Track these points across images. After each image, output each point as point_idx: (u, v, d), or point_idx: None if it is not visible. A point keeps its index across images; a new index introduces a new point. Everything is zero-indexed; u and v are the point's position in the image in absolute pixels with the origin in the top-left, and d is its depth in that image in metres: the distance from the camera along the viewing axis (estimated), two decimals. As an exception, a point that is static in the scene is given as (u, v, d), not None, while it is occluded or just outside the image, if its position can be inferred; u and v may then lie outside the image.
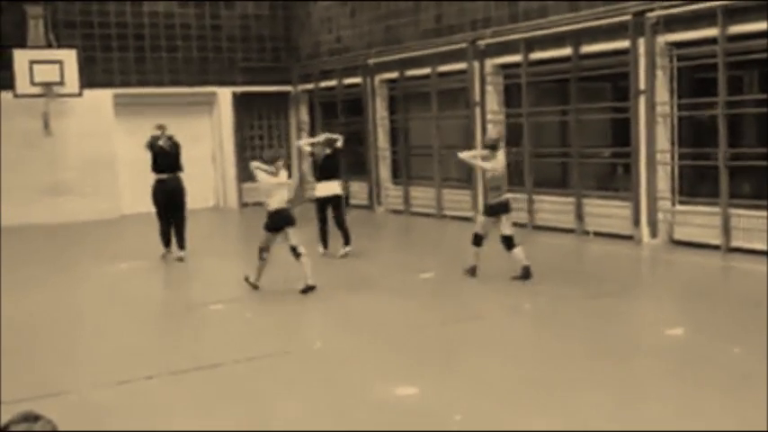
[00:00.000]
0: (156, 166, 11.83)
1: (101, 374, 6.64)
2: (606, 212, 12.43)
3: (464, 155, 10.31)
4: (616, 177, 13.38)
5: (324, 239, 11.89)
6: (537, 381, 6.04)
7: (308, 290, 9.24)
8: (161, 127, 12.03)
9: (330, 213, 11.81)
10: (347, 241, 11.63)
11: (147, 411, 5.76)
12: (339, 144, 11.96)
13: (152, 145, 11.84)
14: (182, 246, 11.86)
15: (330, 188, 11.78)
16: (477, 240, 9.83)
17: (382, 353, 7.01)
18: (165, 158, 11.78)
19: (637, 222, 11.86)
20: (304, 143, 12.85)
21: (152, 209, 12.07)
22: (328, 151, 11.90)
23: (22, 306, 9.45)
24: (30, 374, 6.68)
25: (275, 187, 9.43)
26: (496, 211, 9.76)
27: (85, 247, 14.31)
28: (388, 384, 6.10)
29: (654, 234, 11.71)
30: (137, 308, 9.48)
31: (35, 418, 4.39)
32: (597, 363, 6.43)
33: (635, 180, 11.90)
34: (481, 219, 10.12)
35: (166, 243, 11.99)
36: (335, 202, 11.83)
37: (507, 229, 9.68)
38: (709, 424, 5.03)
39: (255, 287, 9.51)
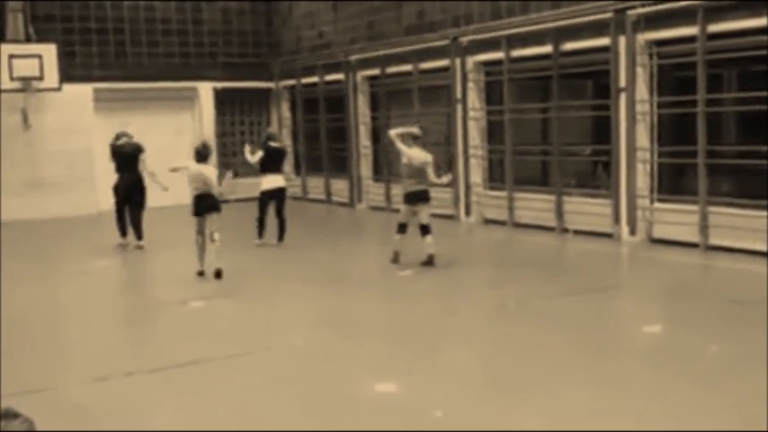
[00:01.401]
0: (117, 166, 12.77)
1: (80, 371, 6.60)
2: (586, 210, 12.48)
3: (393, 132, 11.05)
4: (596, 175, 13.45)
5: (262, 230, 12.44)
6: (517, 377, 6.06)
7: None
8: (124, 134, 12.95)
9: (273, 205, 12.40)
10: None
11: (126, 409, 5.72)
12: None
13: (112, 145, 12.86)
14: (139, 236, 12.64)
15: (276, 181, 12.37)
16: (401, 228, 10.41)
17: (362, 349, 7.00)
18: (124, 158, 12.66)
19: (616, 220, 11.92)
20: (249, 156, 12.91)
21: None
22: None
23: (2, 302, 9.37)
24: (7, 371, 6.60)
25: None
26: (412, 199, 10.35)
27: (63, 243, 14.20)
28: (368, 381, 6.10)
29: (633, 232, 11.78)
30: (115, 305, 9.43)
31: (14, 415, 4.35)
32: (577, 359, 6.46)
33: (615, 178, 11.96)
34: (402, 207, 10.64)
35: (123, 233, 12.78)
36: (281, 195, 12.43)
37: (424, 219, 10.27)
38: (688, 419, 5.07)
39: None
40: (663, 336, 7.23)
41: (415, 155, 10.43)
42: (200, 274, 10.18)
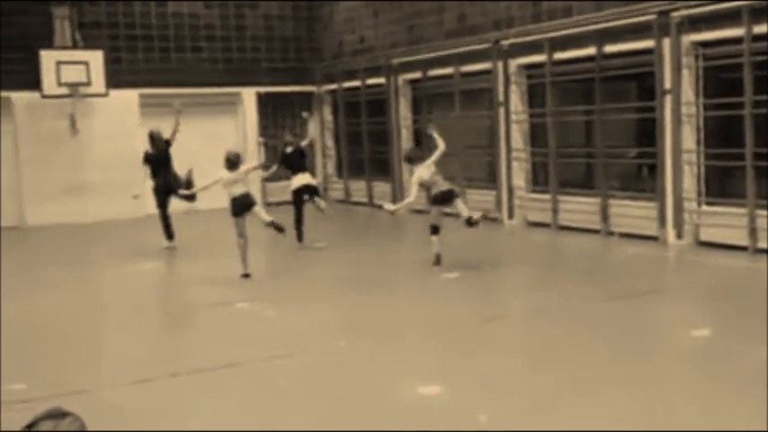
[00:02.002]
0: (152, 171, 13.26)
1: (123, 373, 6.68)
2: (631, 213, 12.34)
3: (399, 206, 11.48)
4: (641, 178, 13.29)
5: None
6: (562, 381, 6.01)
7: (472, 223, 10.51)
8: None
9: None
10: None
11: (168, 410, 5.79)
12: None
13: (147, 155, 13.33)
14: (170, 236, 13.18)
15: (304, 179, 12.80)
16: (434, 230, 10.58)
17: (403, 353, 7.00)
18: (157, 163, 13.13)
19: (662, 223, 11.77)
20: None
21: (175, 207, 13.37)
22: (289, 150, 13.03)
23: (45, 305, 9.56)
24: (52, 373, 6.74)
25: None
26: (440, 199, 10.54)
27: (109, 246, 14.42)
28: (409, 384, 6.09)
29: (680, 235, 11.61)
30: (159, 306, 9.56)
31: (63, 414, 4.43)
32: (623, 363, 6.39)
33: (661, 180, 11.80)
34: (432, 209, 10.78)
35: (169, 236, 13.13)
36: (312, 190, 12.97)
37: (465, 212, 10.57)
38: (735, 424, 4.98)
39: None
40: (708, 340, 7.10)
41: (423, 175, 10.62)
42: (246, 276, 10.28)
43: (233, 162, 10.45)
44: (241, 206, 10.34)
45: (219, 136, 18.87)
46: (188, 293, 10.48)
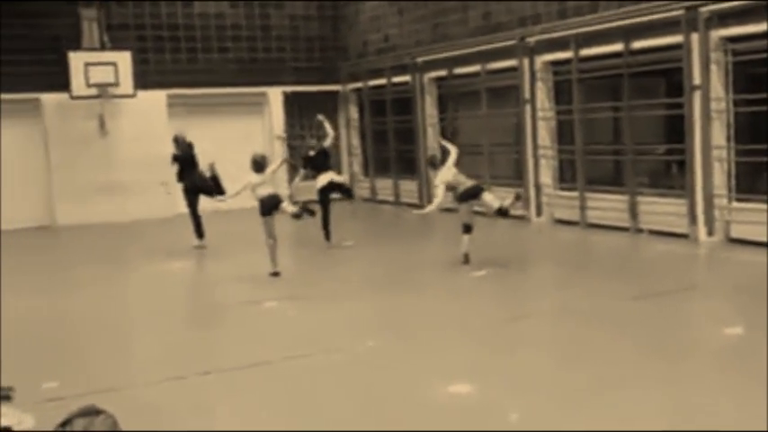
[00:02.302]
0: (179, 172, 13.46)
1: (154, 371, 6.74)
2: (661, 210, 12.23)
3: (429, 209, 11.21)
4: (671, 174, 13.17)
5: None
6: (592, 379, 5.98)
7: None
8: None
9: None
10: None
11: (199, 408, 5.82)
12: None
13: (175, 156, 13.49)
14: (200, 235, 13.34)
15: (328, 177, 12.80)
16: (467, 229, 10.53)
17: (434, 351, 6.99)
18: (183, 164, 13.35)
19: (693, 220, 11.65)
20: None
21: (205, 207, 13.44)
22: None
23: (77, 304, 9.66)
24: (85, 370, 6.81)
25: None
26: (467, 196, 10.50)
27: (139, 245, 14.55)
28: (438, 383, 6.09)
29: (710, 232, 11.49)
30: (189, 305, 9.62)
31: (96, 412, 4.48)
32: (653, 362, 6.34)
33: (690, 177, 11.69)
34: (461, 208, 10.73)
35: (199, 234, 13.29)
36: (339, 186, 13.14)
37: (495, 204, 10.50)
38: (762, 420, 4.92)
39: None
40: (740, 338, 7.03)
41: (446, 176, 10.61)
42: (275, 274, 10.34)
43: (260, 165, 10.53)
44: (269, 206, 10.41)
45: (246, 136, 19.01)
46: (218, 292, 10.53)
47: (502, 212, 10.52)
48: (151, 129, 17.91)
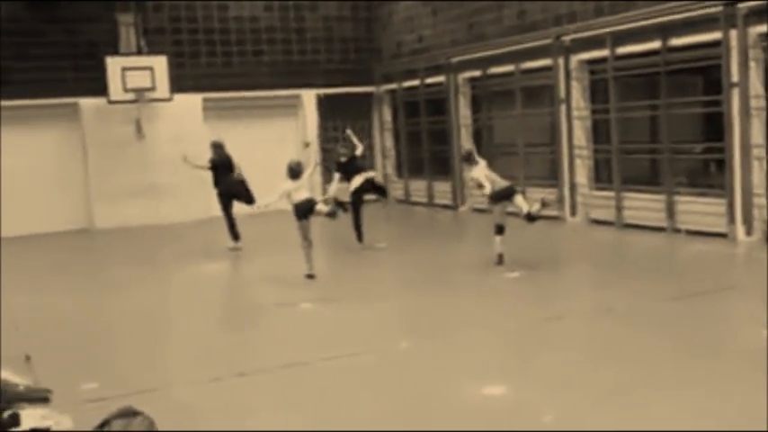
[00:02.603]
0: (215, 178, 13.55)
1: (191, 372, 6.80)
2: (699, 210, 12.07)
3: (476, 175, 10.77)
4: (709, 173, 12.99)
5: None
6: (628, 380, 5.92)
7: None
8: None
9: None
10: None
11: (234, 409, 5.86)
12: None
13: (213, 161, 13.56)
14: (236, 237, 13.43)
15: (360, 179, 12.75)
16: (499, 230, 10.45)
17: (468, 352, 6.97)
18: (221, 169, 13.44)
19: (731, 220, 11.48)
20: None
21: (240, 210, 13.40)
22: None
23: (114, 305, 9.79)
24: (123, 371, 6.88)
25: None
26: (500, 196, 10.45)
27: (175, 247, 14.70)
28: (474, 384, 6.06)
29: (749, 231, 11.32)
30: (224, 306, 9.69)
31: (134, 413, 4.53)
32: (690, 362, 6.27)
33: (729, 176, 11.52)
34: (494, 208, 10.66)
35: (235, 236, 13.34)
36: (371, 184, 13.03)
37: (524, 207, 10.46)
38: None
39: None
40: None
41: (478, 174, 10.62)
42: (311, 277, 10.39)
43: (296, 171, 10.51)
44: (304, 210, 10.45)
45: (280, 138, 19.12)
46: (252, 294, 10.61)
47: (530, 218, 10.45)
48: (187, 132, 18.07)
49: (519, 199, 10.61)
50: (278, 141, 19.13)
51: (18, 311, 8.92)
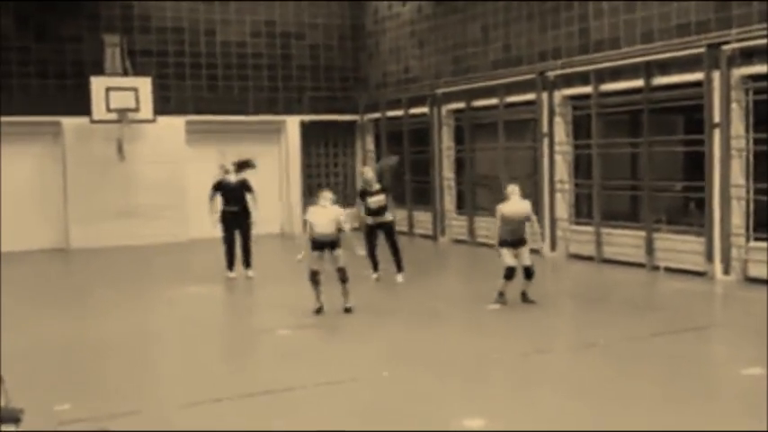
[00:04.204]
0: (225, 200, 12.99)
1: (172, 396, 6.71)
2: (678, 247, 12.16)
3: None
4: (689, 212, 13.10)
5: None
6: (607, 417, 5.91)
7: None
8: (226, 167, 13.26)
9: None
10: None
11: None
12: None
13: (221, 183, 13.06)
14: (248, 264, 12.91)
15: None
16: (509, 273, 9.96)
17: (449, 384, 6.95)
18: (232, 193, 12.96)
19: (710, 258, 11.57)
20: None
21: (219, 234, 13.01)
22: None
23: (95, 328, 9.65)
24: (98, 395, 6.78)
25: None
26: (516, 242, 10.00)
27: (156, 270, 14.57)
28: (456, 415, 6.03)
29: (727, 271, 11.41)
30: (206, 332, 9.59)
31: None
32: (670, 400, 6.26)
33: (708, 215, 11.63)
34: (504, 251, 10.05)
35: (231, 266, 12.86)
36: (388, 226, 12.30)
37: (527, 260, 10.03)
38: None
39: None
40: (758, 379, 6.93)
41: (518, 208, 10.10)
42: (319, 311, 9.83)
43: (329, 201, 9.91)
44: (324, 244, 9.77)
45: (264, 164, 19.08)
46: (239, 318, 10.52)
47: (527, 274, 10.05)
48: (169, 154, 18.05)
49: (525, 251, 10.07)
50: (260, 166, 19.08)
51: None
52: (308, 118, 19.63)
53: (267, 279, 12.12)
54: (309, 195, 13.95)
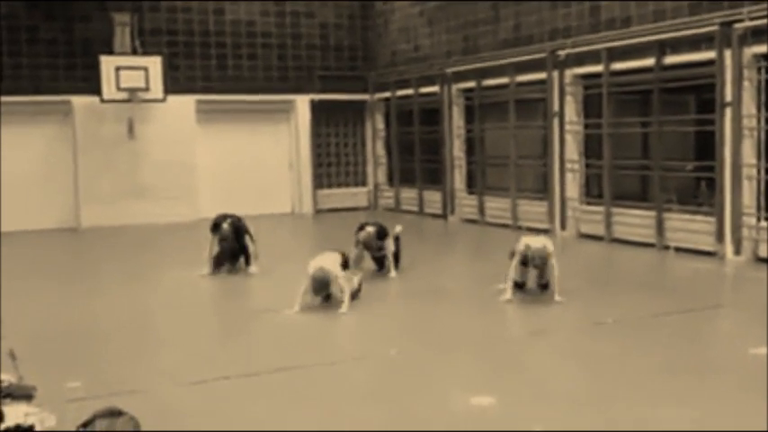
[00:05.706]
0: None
1: (175, 374, 6.74)
2: (688, 227, 12.12)
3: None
4: (699, 192, 13.04)
5: None
6: (615, 394, 5.92)
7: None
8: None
9: None
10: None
11: (221, 412, 5.82)
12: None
13: (216, 225, 11.43)
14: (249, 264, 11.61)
15: None
16: (517, 287, 9.35)
17: (457, 362, 6.97)
18: (225, 242, 11.39)
19: (720, 238, 11.53)
20: None
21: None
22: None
23: (100, 307, 9.71)
24: (106, 373, 6.82)
25: None
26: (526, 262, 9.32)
27: (163, 250, 14.62)
28: (464, 393, 6.05)
29: (738, 251, 11.36)
30: (213, 311, 9.64)
31: (118, 413, 4.50)
32: (677, 378, 6.27)
33: (719, 195, 11.57)
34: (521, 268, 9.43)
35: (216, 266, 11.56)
36: None
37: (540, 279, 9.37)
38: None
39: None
40: (764, 358, 6.92)
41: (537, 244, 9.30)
42: (327, 298, 9.21)
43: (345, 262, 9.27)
44: (320, 287, 8.93)
45: (273, 142, 19.18)
46: (241, 299, 10.55)
47: (543, 287, 9.45)
48: (179, 133, 18.08)
49: (532, 273, 9.46)
50: (270, 145, 19.17)
51: (4, 309, 8.84)
52: (317, 97, 19.60)
53: (274, 260, 12.12)
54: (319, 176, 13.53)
